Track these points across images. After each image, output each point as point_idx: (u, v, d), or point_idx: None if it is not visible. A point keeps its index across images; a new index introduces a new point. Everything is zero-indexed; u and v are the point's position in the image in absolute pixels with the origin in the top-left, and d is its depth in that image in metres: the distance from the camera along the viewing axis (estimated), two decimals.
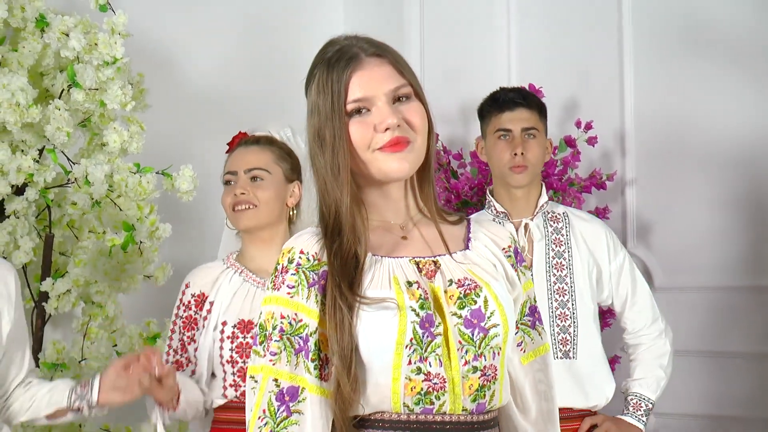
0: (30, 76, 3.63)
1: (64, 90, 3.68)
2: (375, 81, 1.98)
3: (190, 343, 3.13)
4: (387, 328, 1.91)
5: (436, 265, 2.00)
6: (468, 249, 2.05)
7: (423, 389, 1.91)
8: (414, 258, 2.00)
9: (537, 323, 2.10)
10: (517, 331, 2.07)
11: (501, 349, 1.95)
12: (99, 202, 3.57)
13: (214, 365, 3.10)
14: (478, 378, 1.93)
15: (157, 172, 3.72)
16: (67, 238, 3.93)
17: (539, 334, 2.10)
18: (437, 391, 1.91)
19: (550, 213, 3.57)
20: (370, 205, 2.05)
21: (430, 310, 1.92)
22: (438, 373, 1.91)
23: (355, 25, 4.63)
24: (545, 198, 3.57)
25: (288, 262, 2.00)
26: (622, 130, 4.61)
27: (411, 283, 1.95)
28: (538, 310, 2.11)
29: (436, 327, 1.92)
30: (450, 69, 4.79)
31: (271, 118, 4.51)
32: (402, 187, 2.05)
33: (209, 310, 3.12)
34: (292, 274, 1.98)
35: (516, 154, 3.46)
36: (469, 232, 2.08)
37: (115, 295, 3.87)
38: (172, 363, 3.13)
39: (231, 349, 3.08)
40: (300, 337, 1.95)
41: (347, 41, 2.04)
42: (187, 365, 3.13)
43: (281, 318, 1.96)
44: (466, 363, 1.92)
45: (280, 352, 1.95)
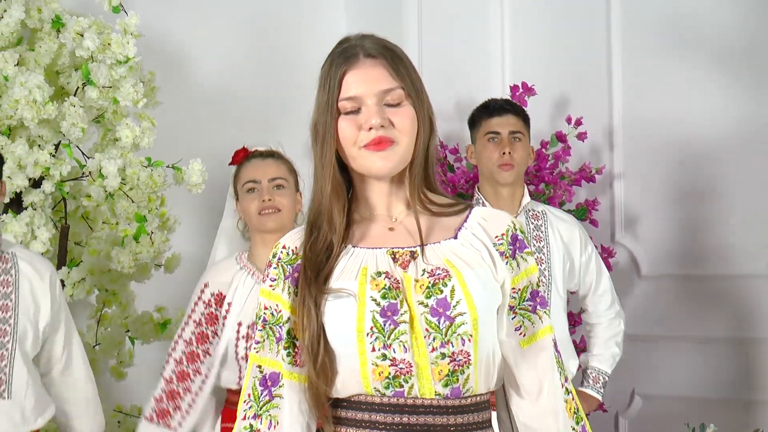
0: (46, 75, 3.65)
1: (79, 88, 3.70)
2: (367, 81, 1.98)
3: (214, 337, 3.26)
4: (346, 317, 1.92)
5: (413, 255, 1.98)
6: (455, 238, 2.03)
7: (390, 374, 1.91)
8: (392, 249, 2.00)
9: (538, 307, 2.04)
10: (515, 316, 2.02)
11: (472, 336, 1.92)
12: (112, 194, 3.58)
13: (229, 358, 3.22)
14: (448, 364, 1.92)
15: (168, 166, 3.75)
16: (81, 228, 3.95)
17: (540, 318, 2.04)
18: (404, 375, 1.91)
19: (531, 211, 3.73)
20: (362, 198, 2.06)
21: (394, 299, 1.92)
22: (404, 359, 1.90)
23: (355, 26, 4.66)
24: (528, 198, 3.73)
25: (272, 256, 2.04)
26: (610, 126, 4.61)
27: (379, 273, 1.95)
28: (540, 294, 2.06)
29: (401, 315, 1.91)
30: (447, 68, 4.79)
31: (274, 116, 4.56)
32: (388, 183, 2.04)
33: (228, 310, 3.26)
34: (274, 268, 2.03)
35: (504, 153, 3.62)
36: (465, 222, 2.06)
37: (127, 283, 3.90)
38: (183, 352, 3.27)
39: (246, 347, 3.21)
40: (279, 327, 1.99)
41: (355, 40, 2.03)
42: (200, 357, 3.26)
43: (264, 309, 2.02)
44: (434, 349, 1.91)
45: (263, 340, 2.00)
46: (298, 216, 3.37)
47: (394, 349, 1.90)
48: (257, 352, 2.00)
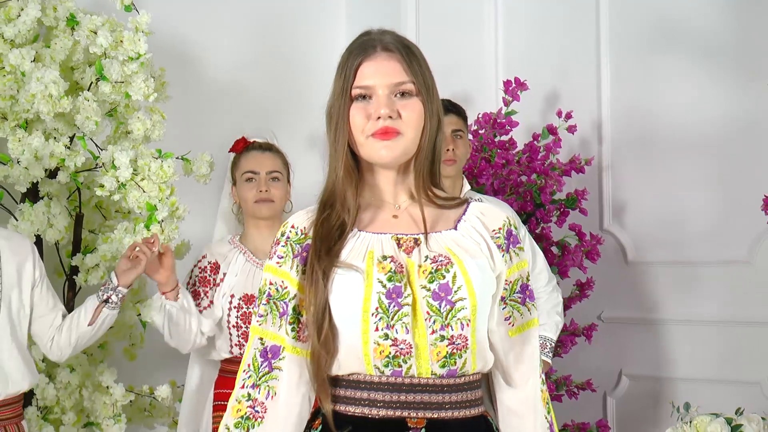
0: (62, 70, 3.65)
1: (92, 83, 3.70)
2: (380, 73, 2.00)
3: (205, 295, 3.53)
4: (353, 294, 1.95)
5: (416, 242, 2.01)
6: (455, 229, 2.06)
7: (391, 353, 1.93)
8: (397, 234, 2.02)
9: (527, 300, 2.08)
10: (505, 307, 2.06)
11: (470, 321, 1.96)
12: (124, 184, 3.58)
13: (221, 328, 3.52)
14: (446, 346, 1.95)
15: (177, 158, 3.76)
16: (95, 217, 3.97)
17: (528, 310, 2.08)
18: (404, 356, 1.93)
19: (470, 199, 3.76)
20: (369, 185, 2.08)
21: (399, 282, 1.94)
22: (404, 340, 1.93)
23: (356, 25, 4.68)
24: (468, 187, 3.87)
25: (281, 235, 2.06)
26: (599, 119, 4.63)
27: (385, 257, 1.97)
28: (530, 288, 2.10)
29: (404, 298, 1.94)
30: (443, 64, 4.74)
31: (278, 109, 4.58)
32: (394, 173, 2.07)
33: (222, 279, 3.54)
34: (282, 246, 2.05)
35: (448, 150, 3.74)
36: (464, 214, 2.09)
37: None
38: None
39: (237, 317, 3.51)
40: (284, 302, 2.02)
41: (375, 34, 2.06)
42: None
43: (270, 284, 2.04)
44: (434, 332, 1.94)
45: (267, 314, 2.03)
46: (287, 205, 3.61)
47: (396, 329, 1.94)
48: (260, 325, 2.02)
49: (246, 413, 1.99)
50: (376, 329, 1.93)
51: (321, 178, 2.12)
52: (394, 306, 1.94)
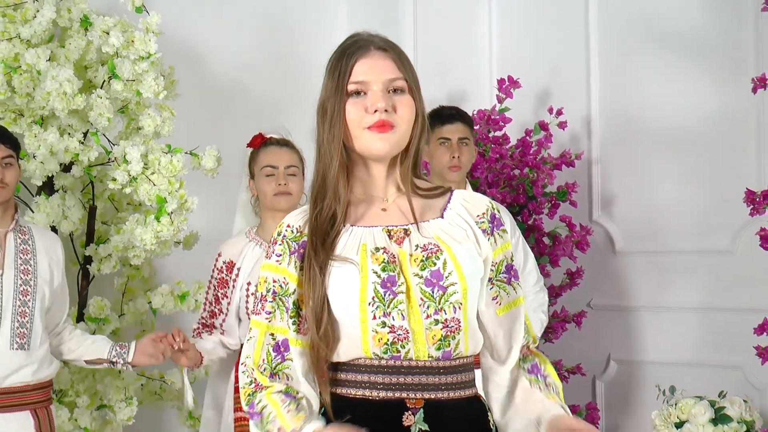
0: (76, 69, 3.66)
1: (105, 81, 3.72)
2: (376, 69, 2.02)
3: (224, 298, 3.51)
4: (349, 286, 1.96)
5: (406, 232, 2.02)
6: (441, 218, 2.06)
7: (389, 340, 1.95)
8: (387, 227, 2.03)
9: (512, 279, 2.08)
10: (492, 287, 2.06)
11: (462, 304, 1.97)
12: (136, 178, 3.60)
13: (241, 314, 3.48)
14: (441, 329, 1.96)
15: (186, 152, 3.76)
16: (108, 209, 3.99)
17: (514, 289, 2.08)
18: (402, 341, 1.95)
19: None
20: (358, 180, 2.09)
21: (393, 271, 1.96)
22: (401, 326, 1.94)
23: (356, 26, 4.69)
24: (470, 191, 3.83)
25: (277, 234, 2.06)
26: (588, 115, 4.64)
27: (378, 249, 1.98)
28: (514, 267, 2.09)
29: (399, 286, 1.95)
30: (439, 62, 4.79)
31: (282, 106, 4.59)
32: (386, 166, 2.07)
33: (237, 275, 3.50)
34: (279, 245, 2.04)
35: (454, 157, 3.76)
36: (448, 203, 2.09)
37: (150, 259, 3.93)
38: (207, 312, 3.55)
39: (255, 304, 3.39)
40: (287, 297, 2.02)
41: (365, 36, 2.08)
42: (219, 314, 3.52)
43: (273, 282, 2.03)
44: (428, 317, 1.95)
45: (274, 310, 2.02)
46: (302, 198, 3.54)
47: (393, 317, 1.95)
48: (270, 322, 2.03)
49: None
50: (374, 318, 1.95)
51: None
52: (390, 294, 1.95)
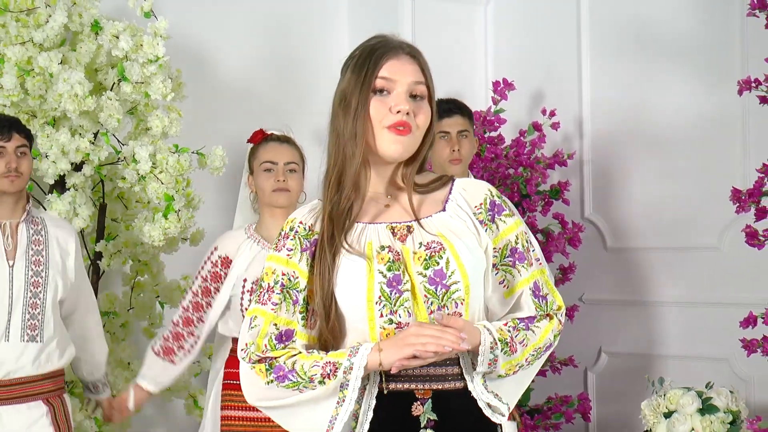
0: (86, 72, 3.67)
1: (115, 83, 3.72)
2: (403, 71, 2.02)
3: (216, 292, 3.40)
4: (358, 286, 1.97)
5: (410, 229, 2.03)
6: (444, 210, 2.07)
7: (396, 335, 1.96)
8: (391, 224, 2.04)
9: (517, 262, 2.07)
10: (497, 272, 2.06)
11: (464, 300, 1.98)
12: (144, 176, 3.61)
13: (233, 309, 3.37)
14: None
15: (193, 152, 3.77)
16: (117, 207, 3.99)
17: (519, 272, 2.07)
18: None
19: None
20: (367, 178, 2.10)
21: (398, 270, 1.97)
22: (407, 323, 1.96)
23: (357, 30, 4.70)
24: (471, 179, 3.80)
25: (289, 229, 2.06)
26: (580, 116, 4.64)
27: (383, 248, 1.99)
28: (519, 250, 2.07)
29: (404, 284, 1.96)
30: (437, 65, 4.70)
31: (286, 106, 4.59)
32: (394, 166, 2.08)
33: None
34: (291, 240, 2.05)
35: (454, 150, 3.70)
36: (450, 194, 2.10)
37: (158, 255, 3.94)
38: (190, 302, 3.43)
39: (249, 300, 3.34)
40: (296, 291, 2.03)
41: (394, 39, 2.08)
42: (206, 308, 3.41)
43: (282, 275, 2.03)
44: (432, 312, 1.97)
45: (281, 302, 2.02)
46: (301, 196, 3.48)
47: (399, 314, 1.97)
48: (275, 313, 2.02)
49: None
50: (381, 315, 1.96)
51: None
52: (395, 293, 1.96)
